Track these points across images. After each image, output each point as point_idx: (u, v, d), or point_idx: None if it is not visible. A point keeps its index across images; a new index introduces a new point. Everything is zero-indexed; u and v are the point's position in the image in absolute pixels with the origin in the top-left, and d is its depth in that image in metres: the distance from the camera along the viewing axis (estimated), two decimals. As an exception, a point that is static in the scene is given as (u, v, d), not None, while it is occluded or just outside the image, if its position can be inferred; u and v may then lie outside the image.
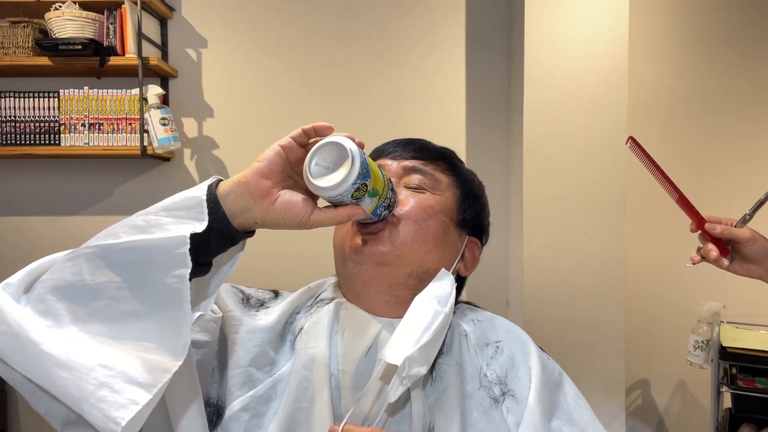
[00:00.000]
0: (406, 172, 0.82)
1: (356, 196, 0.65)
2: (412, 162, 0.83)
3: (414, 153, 0.84)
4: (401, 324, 0.69)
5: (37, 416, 2.30)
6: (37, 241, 2.34)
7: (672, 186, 0.98)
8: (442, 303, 0.72)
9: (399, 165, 0.83)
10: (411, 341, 0.66)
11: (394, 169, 0.83)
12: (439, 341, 0.71)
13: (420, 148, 0.85)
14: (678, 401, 2.32)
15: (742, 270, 0.97)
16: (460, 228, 0.84)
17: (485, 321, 0.81)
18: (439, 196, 0.81)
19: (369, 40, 2.28)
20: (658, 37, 2.27)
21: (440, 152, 0.86)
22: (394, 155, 0.84)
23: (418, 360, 0.66)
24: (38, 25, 2.14)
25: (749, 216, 0.98)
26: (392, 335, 0.68)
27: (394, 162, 0.84)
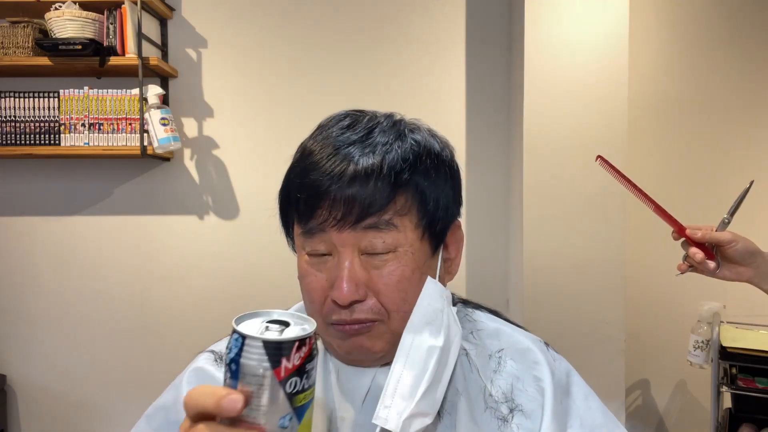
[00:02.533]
0: (357, 240, 0.63)
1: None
2: (363, 226, 0.62)
3: (363, 208, 0.61)
4: (391, 375, 0.60)
5: (37, 416, 2.31)
6: (37, 241, 2.34)
7: (646, 197, 0.99)
8: (434, 332, 0.63)
9: (349, 235, 0.62)
10: (406, 394, 0.59)
11: (339, 240, 0.63)
12: (441, 378, 0.63)
13: (365, 194, 0.61)
14: (678, 401, 2.32)
15: (731, 274, 0.98)
16: (436, 239, 0.68)
17: (484, 330, 0.74)
18: (403, 250, 0.64)
19: (369, 39, 2.28)
20: (658, 38, 2.27)
21: (389, 181, 0.62)
22: (336, 217, 0.62)
23: (421, 412, 0.59)
24: (38, 25, 2.14)
25: (728, 219, 0.99)
26: (384, 388, 0.60)
27: (340, 233, 0.62)
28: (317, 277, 0.65)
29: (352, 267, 0.63)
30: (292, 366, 0.45)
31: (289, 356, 0.45)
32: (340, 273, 0.62)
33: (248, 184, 2.32)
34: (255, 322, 0.48)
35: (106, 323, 2.34)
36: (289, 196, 0.69)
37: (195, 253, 2.33)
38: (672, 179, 2.26)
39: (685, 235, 0.98)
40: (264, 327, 0.47)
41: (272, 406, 0.44)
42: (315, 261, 0.65)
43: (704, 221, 1.02)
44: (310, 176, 0.64)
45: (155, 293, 2.34)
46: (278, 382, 0.44)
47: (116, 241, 2.33)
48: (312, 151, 0.66)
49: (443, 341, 0.63)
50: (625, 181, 0.99)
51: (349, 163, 0.62)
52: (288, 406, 0.45)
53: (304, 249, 0.66)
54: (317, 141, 0.67)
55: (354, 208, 0.61)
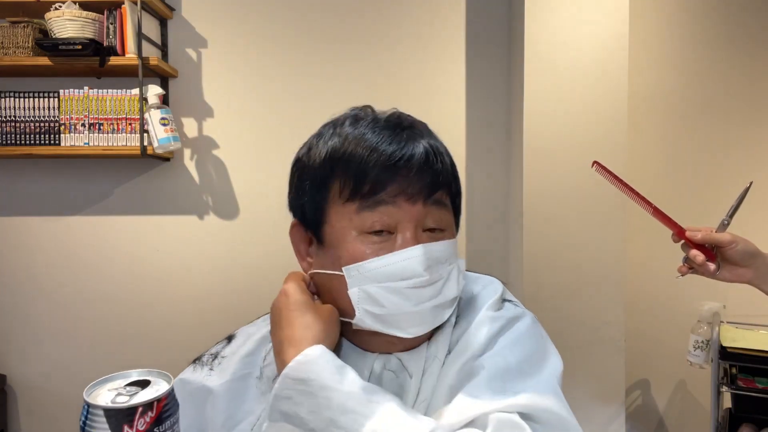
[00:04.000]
0: (423, 216, 0.66)
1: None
2: (432, 200, 0.66)
3: (434, 184, 0.66)
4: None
5: (37, 416, 2.30)
6: (37, 241, 2.34)
7: (645, 201, 0.99)
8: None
9: (420, 209, 0.65)
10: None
11: (411, 214, 0.65)
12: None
13: (438, 172, 0.66)
14: (678, 401, 2.32)
15: (731, 275, 0.98)
16: (457, 224, 0.74)
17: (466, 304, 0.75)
18: (450, 231, 0.69)
19: (369, 39, 2.28)
20: (658, 37, 2.27)
21: (450, 164, 0.69)
22: (409, 192, 0.64)
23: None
24: (38, 25, 2.14)
25: (727, 221, 0.99)
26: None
27: (413, 205, 0.65)
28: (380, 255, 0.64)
29: (417, 236, 0.65)
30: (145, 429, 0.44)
31: (132, 423, 0.44)
32: (405, 243, 0.64)
33: (248, 184, 2.32)
34: (109, 388, 0.48)
35: (106, 323, 2.34)
36: (334, 171, 0.66)
37: (195, 253, 2.33)
38: (671, 179, 2.26)
39: (684, 237, 0.99)
40: (116, 393, 0.47)
41: None
42: (378, 240, 0.64)
43: (704, 222, 1.02)
44: (379, 150, 0.64)
45: (155, 293, 2.34)
46: None
47: (116, 241, 2.33)
48: (363, 134, 0.66)
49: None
50: (623, 186, 0.99)
51: (415, 143, 0.65)
52: None
53: (359, 227, 0.65)
54: (362, 126, 0.67)
55: (427, 184, 0.65)
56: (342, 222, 0.65)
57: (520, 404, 0.60)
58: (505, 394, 0.60)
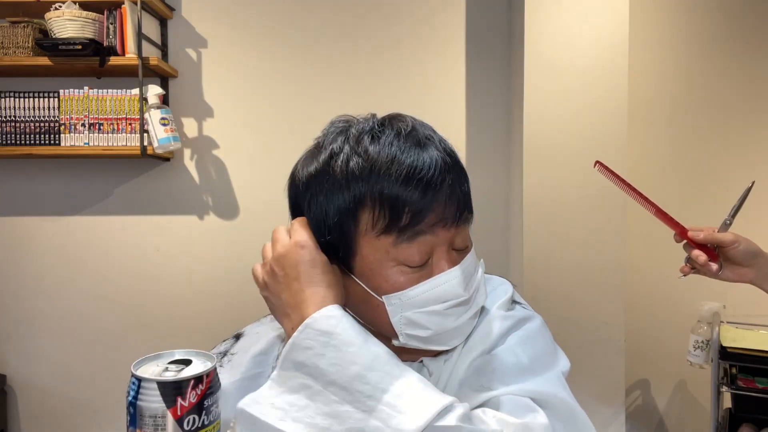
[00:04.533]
0: (453, 237, 0.66)
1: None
2: (461, 221, 0.66)
3: (464, 205, 0.66)
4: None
5: (37, 416, 2.30)
6: (37, 241, 2.34)
7: (647, 201, 0.98)
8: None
9: (453, 232, 0.65)
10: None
11: (446, 238, 0.65)
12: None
13: (466, 193, 0.67)
14: (678, 401, 2.32)
15: (733, 275, 0.98)
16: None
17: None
18: (470, 248, 0.69)
19: (369, 40, 2.28)
20: (658, 37, 2.27)
21: (466, 177, 0.69)
22: (445, 220, 0.63)
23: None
24: (38, 25, 2.14)
25: (729, 221, 0.99)
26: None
27: (448, 231, 0.64)
28: (416, 283, 0.64)
29: (450, 257, 0.65)
30: (189, 404, 0.46)
31: (185, 394, 0.46)
32: (440, 265, 0.64)
33: (248, 184, 2.32)
34: (155, 365, 0.50)
35: (106, 323, 2.34)
36: (363, 202, 0.62)
37: (195, 253, 2.33)
38: (672, 179, 2.26)
39: (687, 237, 0.98)
40: (163, 368, 0.48)
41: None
42: (415, 271, 0.63)
43: (706, 222, 1.02)
44: (411, 179, 0.61)
45: (155, 293, 2.34)
46: (175, 421, 0.45)
47: (116, 241, 2.33)
48: (389, 155, 0.62)
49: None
50: (625, 186, 0.99)
51: (441, 160, 0.63)
52: None
53: (396, 258, 0.63)
54: (384, 146, 0.63)
55: (460, 205, 0.65)
56: (377, 254, 0.63)
57: (532, 389, 0.61)
58: (516, 383, 0.62)
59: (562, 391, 0.64)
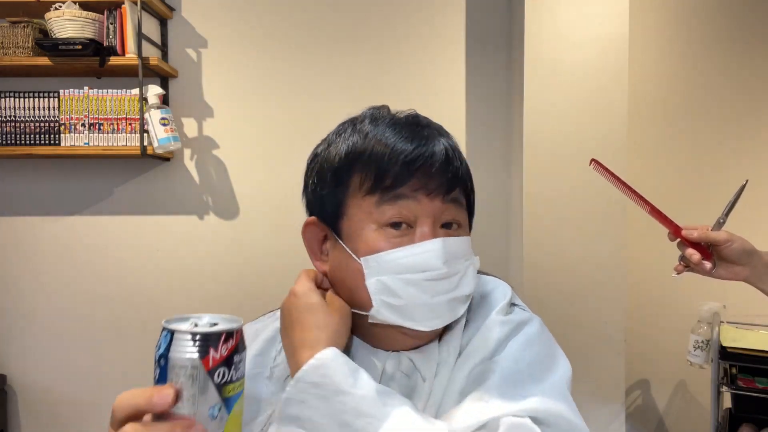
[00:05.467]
0: (441, 211, 0.67)
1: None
2: (449, 198, 0.67)
3: (452, 182, 0.67)
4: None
5: (37, 416, 2.30)
6: (37, 241, 2.34)
7: (642, 199, 0.99)
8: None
9: (438, 205, 0.67)
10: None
11: (430, 209, 0.66)
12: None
13: (457, 171, 0.68)
14: (678, 401, 2.32)
15: (727, 273, 0.98)
16: (471, 225, 0.76)
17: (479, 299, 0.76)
18: (464, 228, 0.71)
19: (369, 39, 2.28)
20: (658, 37, 2.27)
21: (466, 164, 0.71)
22: (429, 188, 0.66)
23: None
24: (38, 25, 2.14)
25: (723, 220, 0.99)
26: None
27: (432, 201, 0.66)
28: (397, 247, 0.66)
29: (435, 232, 0.66)
30: (220, 357, 0.47)
31: (217, 347, 0.47)
32: (424, 236, 0.65)
33: (248, 184, 2.32)
34: (184, 323, 0.50)
35: (106, 323, 2.34)
36: (355, 166, 0.67)
37: (195, 253, 2.33)
38: (671, 178, 2.26)
39: (681, 236, 0.98)
40: (192, 324, 0.50)
41: (201, 396, 0.46)
42: (397, 234, 0.65)
43: (703, 221, 1.02)
44: (400, 147, 0.65)
45: (155, 293, 2.34)
46: (206, 373, 0.46)
47: (116, 241, 2.33)
48: (384, 132, 0.67)
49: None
50: (621, 184, 0.99)
51: (434, 142, 0.67)
52: (217, 396, 0.47)
53: (377, 220, 0.66)
54: (382, 124, 0.68)
55: (446, 181, 0.66)
56: (361, 215, 0.66)
57: (531, 408, 0.60)
58: (516, 398, 0.61)
59: (564, 404, 0.62)
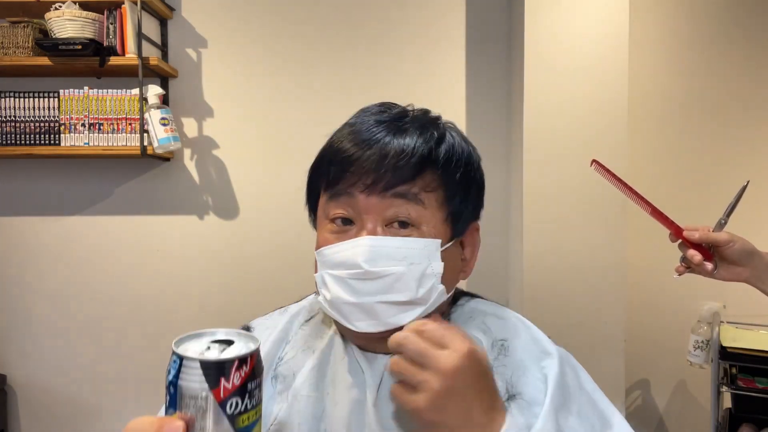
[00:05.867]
0: (383, 208, 0.64)
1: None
2: (392, 193, 0.64)
3: (393, 176, 0.63)
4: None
5: (37, 416, 2.30)
6: (37, 241, 2.34)
7: (643, 200, 0.98)
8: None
9: (376, 202, 0.64)
10: None
11: (367, 205, 0.64)
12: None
13: (397, 163, 0.64)
14: (678, 401, 2.32)
15: (728, 274, 0.98)
16: (458, 227, 0.70)
17: (496, 320, 0.73)
18: (427, 229, 0.65)
19: (369, 40, 2.28)
20: (658, 37, 2.27)
21: (422, 156, 0.65)
22: (365, 183, 0.64)
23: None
24: (38, 25, 2.14)
25: (724, 221, 0.99)
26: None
27: (368, 197, 0.64)
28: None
29: (374, 230, 0.65)
30: (232, 386, 0.43)
31: (228, 376, 0.43)
32: (360, 234, 0.65)
33: (248, 184, 2.32)
34: (197, 343, 0.47)
35: (106, 323, 2.34)
36: (320, 165, 0.70)
37: (195, 253, 2.33)
38: (671, 178, 2.26)
39: (682, 236, 0.98)
40: (205, 347, 0.46)
41: (215, 427, 0.43)
42: (338, 230, 0.67)
43: (703, 221, 1.02)
44: (344, 144, 0.66)
45: (155, 293, 2.34)
46: (218, 404, 0.43)
47: (116, 241, 2.33)
48: (345, 128, 0.69)
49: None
50: (622, 185, 0.99)
51: (383, 136, 0.66)
52: (230, 428, 0.43)
53: (327, 215, 0.68)
54: (352, 121, 0.70)
55: (384, 175, 0.64)
56: (320, 211, 0.70)
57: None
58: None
59: None
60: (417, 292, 0.64)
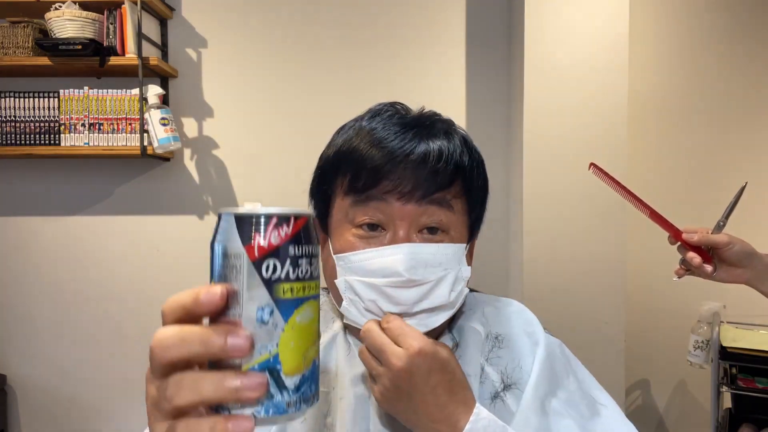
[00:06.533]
0: (418, 215, 0.64)
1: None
2: (428, 200, 0.64)
3: (431, 184, 0.64)
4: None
5: (37, 416, 2.29)
6: (37, 241, 2.34)
7: (642, 203, 0.98)
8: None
9: (412, 208, 0.64)
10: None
11: (403, 212, 0.64)
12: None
13: (436, 170, 0.64)
14: (678, 401, 2.32)
15: (728, 276, 0.98)
16: (474, 232, 0.73)
17: (493, 311, 0.75)
18: (455, 233, 0.67)
19: (369, 39, 2.28)
20: (658, 37, 2.27)
21: (456, 162, 0.66)
22: (401, 190, 0.63)
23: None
24: (38, 25, 2.14)
25: (723, 222, 0.99)
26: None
27: (405, 204, 0.64)
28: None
29: (409, 238, 0.63)
30: (268, 245, 0.38)
31: (265, 233, 0.38)
32: (395, 241, 0.63)
33: (248, 184, 2.32)
34: (247, 206, 0.42)
35: (106, 323, 2.34)
36: (338, 168, 0.67)
37: (195, 253, 2.33)
38: (671, 179, 2.26)
39: (681, 239, 0.98)
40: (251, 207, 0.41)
41: (249, 292, 0.38)
42: (365, 235, 0.65)
43: (703, 223, 1.02)
44: (371, 149, 0.64)
45: (155, 293, 2.34)
46: (252, 263, 0.38)
47: (116, 241, 2.33)
48: (374, 129, 0.66)
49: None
50: (620, 188, 0.99)
51: (420, 141, 0.64)
52: (267, 295, 0.38)
53: (352, 220, 0.65)
54: (372, 124, 0.67)
55: (422, 183, 0.63)
56: (339, 215, 0.67)
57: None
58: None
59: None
60: (449, 296, 0.65)
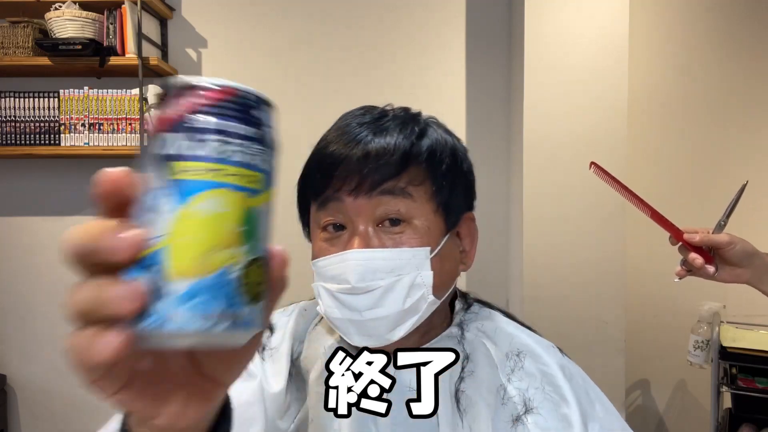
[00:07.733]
0: (372, 208, 0.63)
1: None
2: (379, 191, 0.62)
3: (375, 174, 0.62)
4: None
5: (37, 416, 2.28)
6: (37, 241, 2.34)
7: (643, 203, 0.98)
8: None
9: (364, 202, 0.62)
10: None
11: (356, 208, 0.63)
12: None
13: (380, 161, 0.62)
14: (678, 401, 2.32)
15: (729, 276, 0.97)
16: (450, 218, 0.69)
17: (503, 330, 0.74)
18: (419, 223, 0.64)
19: (369, 40, 2.28)
20: (658, 37, 2.27)
21: (404, 151, 0.63)
22: (350, 185, 0.62)
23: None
24: (38, 25, 2.14)
25: (724, 222, 0.99)
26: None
27: (356, 199, 0.62)
28: (332, 253, 0.64)
29: (365, 233, 0.63)
30: (166, 116, 0.32)
31: (166, 104, 0.32)
32: (352, 240, 0.63)
33: (248, 184, 2.32)
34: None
35: (106, 323, 2.34)
36: (306, 175, 0.68)
37: (195, 253, 2.33)
38: (671, 179, 2.26)
39: (682, 239, 0.98)
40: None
41: (145, 174, 0.34)
42: (330, 237, 0.65)
43: (704, 223, 1.02)
44: (326, 151, 0.65)
45: (155, 293, 2.34)
46: (153, 137, 0.33)
47: (116, 241, 2.33)
48: (328, 135, 0.67)
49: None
50: (621, 188, 0.99)
51: (364, 137, 0.64)
52: (159, 176, 0.33)
53: (319, 224, 0.66)
54: (335, 127, 0.68)
55: (368, 174, 0.62)
56: (312, 222, 0.68)
57: None
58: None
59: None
60: (404, 303, 0.62)
